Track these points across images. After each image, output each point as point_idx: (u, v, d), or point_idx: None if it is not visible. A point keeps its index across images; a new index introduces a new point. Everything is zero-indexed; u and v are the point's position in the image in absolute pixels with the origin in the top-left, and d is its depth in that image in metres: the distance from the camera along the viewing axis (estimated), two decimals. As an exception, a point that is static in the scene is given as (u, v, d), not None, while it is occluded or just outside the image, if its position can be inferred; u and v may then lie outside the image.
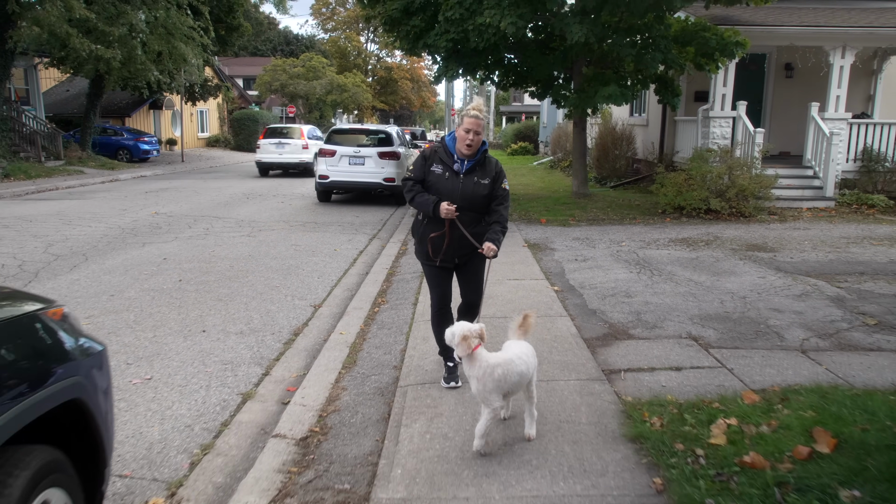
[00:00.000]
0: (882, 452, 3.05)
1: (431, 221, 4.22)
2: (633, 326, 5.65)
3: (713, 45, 11.53)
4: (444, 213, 4.06)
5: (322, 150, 14.94)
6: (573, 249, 9.16)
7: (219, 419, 4.16)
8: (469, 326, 3.43)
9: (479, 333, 3.42)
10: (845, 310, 6.12)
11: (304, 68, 61.96)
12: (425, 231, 4.27)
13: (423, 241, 4.29)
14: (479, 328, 3.44)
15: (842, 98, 13.69)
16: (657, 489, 3.01)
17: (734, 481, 2.95)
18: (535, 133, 39.34)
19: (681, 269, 7.82)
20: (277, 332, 5.85)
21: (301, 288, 7.39)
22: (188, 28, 23.24)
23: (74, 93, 35.74)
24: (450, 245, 4.21)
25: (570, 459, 3.34)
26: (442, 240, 4.20)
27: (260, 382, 4.75)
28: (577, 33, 10.58)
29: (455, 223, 4.11)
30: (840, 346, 5.10)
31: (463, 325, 3.46)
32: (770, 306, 6.23)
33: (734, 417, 3.58)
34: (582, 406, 3.99)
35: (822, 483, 2.85)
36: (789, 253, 8.83)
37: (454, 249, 4.24)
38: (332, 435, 3.81)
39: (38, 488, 2.04)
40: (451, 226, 4.14)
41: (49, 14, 18.40)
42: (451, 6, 10.93)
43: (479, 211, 4.21)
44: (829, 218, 11.97)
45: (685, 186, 12.00)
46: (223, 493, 3.28)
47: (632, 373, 4.56)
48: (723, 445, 3.27)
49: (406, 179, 4.34)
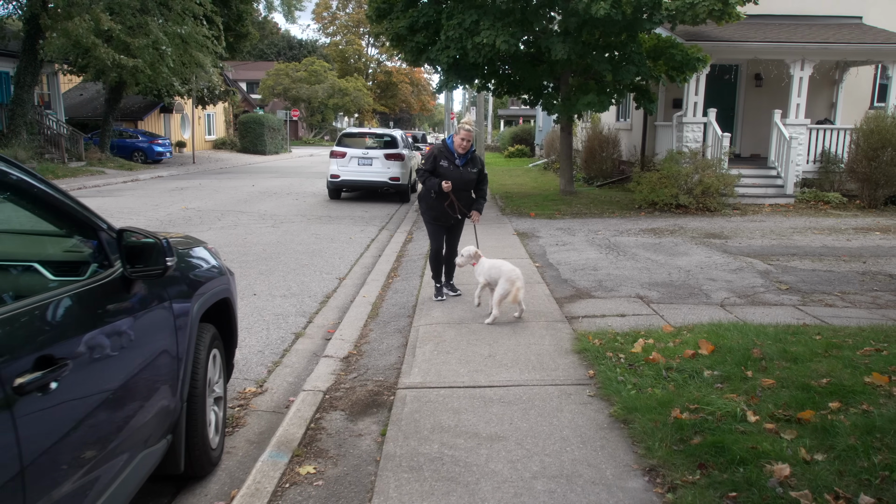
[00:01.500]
0: (739, 352, 4.57)
1: (440, 196, 6.51)
2: (594, 290, 7.17)
3: (679, 60, 13.07)
4: (445, 188, 6.40)
5: (333, 152, 16.45)
6: (555, 237, 10.68)
7: (280, 348, 5.66)
8: (474, 248, 6.27)
9: (477, 253, 6.22)
10: (767, 279, 7.64)
11: (307, 72, 63.55)
12: (437, 203, 6.57)
13: (435, 208, 6.62)
14: (476, 250, 6.26)
15: (801, 106, 15.23)
16: (590, 376, 4.52)
17: (639, 369, 4.47)
18: (532, 136, 40.88)
19: (643, 251, 9.35)
20: (313, 296, 7.36)
21: (326, 265, 8.91)
22: (203, 37, 24.76)
23: (88, 97, 37.28)
24: (454, 208, 6.57)
25: (534, 363, 4.85)
26: (453, 205, 6.57)
27: (306, 327, 6.26)
28: (560, 51, 12.12)
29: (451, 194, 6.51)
30: (752, 303, 6.62)
31: (471, 248, 6.26)
32: (708, 277, 7.75)
33: (651, 339, 5.10)
34: (546, 336, 5.50)
35: (695, 367, 4.37)
36: (739, 240, 10.36)
37: (456, 211, 6.60)
38: (366, 355, 5.31)
39: (211, 347, 3.54)
40: (454, 194, 6.50)
41: (78, 26, 19.92)
42: (451, 26, 12.46)
43: (470, 189, 6.66)
44: (785, 212, 13.51)
45: (658, 184, 13.54)
46: (294, 386, 4.79)
47: (587, 318, 6.07)
48: (638, 352, 4.78)
49: (420, 170, 6.69)
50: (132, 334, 2.58)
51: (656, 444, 3.40)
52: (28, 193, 2.31)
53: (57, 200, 2.42)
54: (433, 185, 6.46)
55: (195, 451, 3.25)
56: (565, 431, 3.72)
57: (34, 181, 2.29)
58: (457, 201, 6.53)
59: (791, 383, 4.02)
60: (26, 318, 1.98)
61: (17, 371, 1.82)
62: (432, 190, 6.48)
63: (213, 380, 3.58)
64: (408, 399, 4.25)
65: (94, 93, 36.46)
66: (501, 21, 12.34)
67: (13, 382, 1.78)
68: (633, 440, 3.57)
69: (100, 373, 2.29)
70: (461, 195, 6.56)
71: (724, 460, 3.14)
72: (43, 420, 1.91)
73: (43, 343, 1.98)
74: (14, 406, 1.78)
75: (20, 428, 1.79)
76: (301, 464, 3.45)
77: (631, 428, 3.68)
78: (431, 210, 6.66)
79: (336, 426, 3.94)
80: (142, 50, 21.73)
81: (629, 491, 3.09)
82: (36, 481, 1.86)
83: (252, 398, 4.61)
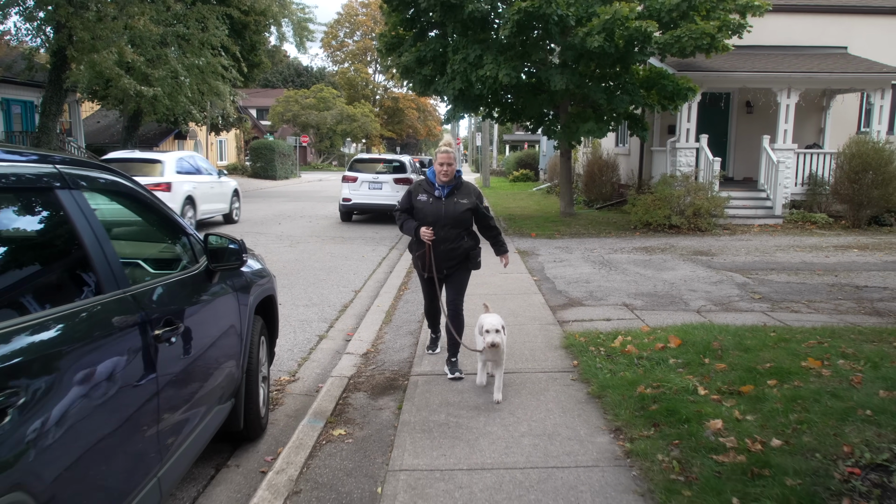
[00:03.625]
0: (701, 344, 5.37)
1: (416, 242, 5.21)
2: (585, 299, 7.97)
3: (670, 90, 13.97)
4: (423, 236, 5.00)
5: (345, 177, 17.38)
6: (553, 254, 11.50)
7: (307, 347, 6.48)
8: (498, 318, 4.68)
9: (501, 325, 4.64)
10: (743, 290, 8.43)
11: (316, 99, 65.01)
12: (415, 248, 5.29)
13: (415, 256, 5.34)
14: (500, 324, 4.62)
15: (789, 131, 16.10)
16: (574, 365, 5.32)
17: (615, 359, 5.27)
18: (536, 161, 41.86)
19: (633, 267, 10.15)
20: (332, 305, 8.19)
21: (342, 280, 9.74)
22: (221, 67, 25.94)
23: (105, 124, 38.63)
24: (435, 260, 5.08)
25: (527, 356, 5.65)
26: (423, 258, 5.15)
27: (328, 331, 7.08)
28: (558, 82, 13.05)
29: (435, 243, 5.03)
30: (725, 310, 7.41)
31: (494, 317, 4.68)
32: (689, 288, 8.54)
33: (629, 336, 5.89)
34: (539, 335, 6.31)
35: (662, 356, 5.17)
36: (724, 256, 11.15)
37: (441, 262, 5.11)
38: (382, 352, 6.12)
39: (260, 334, 4.37)
40: (433, 246, 5.04)
41: (105, 59, 21.07)
42: (456, 60, 13.41)
43: (462, 227, 5.08)
44: (772, 232, 14.30)
45: (652, 206, 14.37)
46: (321, 376, 5.60)
47: (576, 322, 6.87)
48: (616, 346, 5.58)
49: (396, 210, 5.37)
50: (213, 312, 3.42)
51: (622, 411, 4.20)
52: (145, 205, 3.17)
53: (162, 211, 3.28)
54: (410, 229, 5.12)
55: (250, 414, 4.07)
56: (549, 405, 4.51)
57: (150, 198, 3.15)
58: (431, 253, 5.05)
59: (740, 367, 4.82)
60: (157, 295, 2.83)
61: (156, 326, 2.65)
62: (409, 235, 5.24)
63: (262, 361, 4.40)
64: (419, 383, 5.06)
65: (111, 120, 37.83)
66: (503, 55, 13.30)
67: (153, 333, 2.62)
68: (604, 410, 4.36)
69: (196, 337, 3.11)
70: (447, 237, 5.02)
71: (674, 420, 3.94)
72: (167, 361, 2.75)
73: (167, 311, 2.83)
74: (155, 348, 2.61)
75: (158, 364, 2.63)
76: (333, 428, 4.25)
77: (603, 401, 4.47)
78: (415, 259, 5.38)
79: (360, 402, 4.74)
80: (161, 80, 22.86)
81: (597, 444, 3.88)
82: (166, 402, 2.69)
83: (287, 385, 5.43)
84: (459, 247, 5.06)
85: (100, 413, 2.17)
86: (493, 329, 4.52)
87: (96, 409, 2.15)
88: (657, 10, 12.74)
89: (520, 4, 12.13)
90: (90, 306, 2.32)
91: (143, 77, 22.64)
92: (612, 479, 3.44)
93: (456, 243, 5.05)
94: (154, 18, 22.25)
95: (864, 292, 8.29)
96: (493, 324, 4.56)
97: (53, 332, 2.06)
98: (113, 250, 2.56)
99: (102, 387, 2.20)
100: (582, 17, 12.63)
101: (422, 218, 5.04)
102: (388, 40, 15.71)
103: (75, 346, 2.13)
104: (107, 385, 2.23)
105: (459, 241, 5.06)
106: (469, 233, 5.18)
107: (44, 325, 2.04)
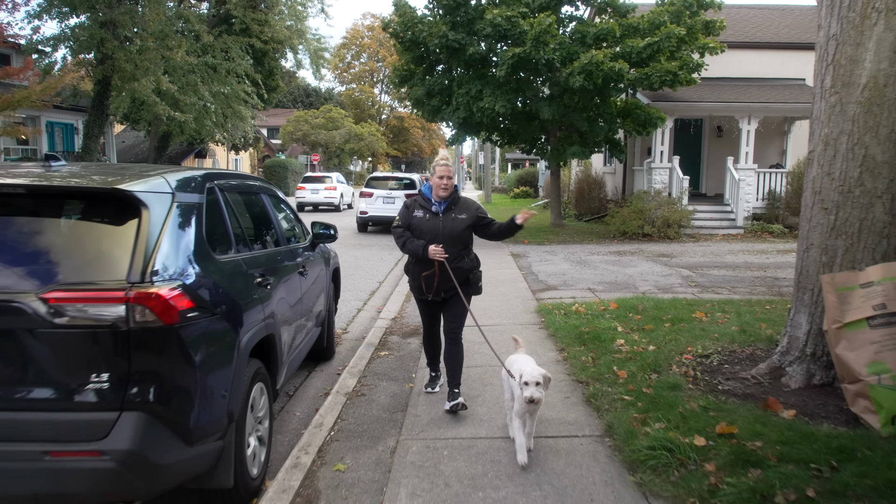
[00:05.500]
0: (630, 306, 7.70)
1: (421, 262, 4.81)
2: (560, 286, 10.30)
3: (643, 118, 16.38)
4: (432, 254, 4.64)
5: (363, 192, 19.81)
6: (541, 256, 13.84)
7: (350, 315, 8.83)
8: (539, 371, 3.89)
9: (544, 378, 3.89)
10: (685, 280, 10.74)
11: (325, 119, 67.73)
12: (416, 270, 4.90)
13: (416, 278, 4.90)
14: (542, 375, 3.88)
15: (750, 153, 18.47)
16: (542, 321, 7.64)
17: (569, 316, 7.59)
18: (535, 179, 44.28)
19: (603, 265, 12.49)
20: (363, 291, 10.53)
21: (367, 275, 12.09)
22: (244, 94, 28.52)
23: (129, 144, 41.24)
24: (440, 281, 4.79)
25: (510, 316, 7.99)
26: (433, 278, 4.79)
27: (363, 306, 9.43)
28: (546, 113, 15.48)
29: (444, 263, 4.70)
30: (664, 292, 9.71)
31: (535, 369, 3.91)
32: (643, 279, 10.86)
33: (584, 305, 8.21)
34: (521, 306, 8.64)
35: (602, 313, 7.50)
36: (681, 258, 13.47)
37: (439, 284, 4.81)
38: (405, 317, 8.44)
39: (326, 309, 6.71)
40: (441, 265, 4.72)
41: (145, 87, 23.62)
42: (460, 94, 15.87)
43: (461, 245, 4.81)
44: (731, 240, 16.64)
45: (629, 217, 16.73)
46: (364, 330, 7.93)
47: (549, 299, 9.20)
48: (572, 310, 7.90)
49: (395, 227, 4.96)
50: (315, 267, 5.79)
51: (566, 340, 6.52)
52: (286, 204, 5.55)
53: (290, 207, 5.66)
54: (416, 248, 4.74)
55: (329, 340, 6.42)
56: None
57: (286, 201, 5.54)
58: (440, 271, 4.73)
59: (650, 317, 7.15)
60: (296, 249, 5.21)
61: (257, 273, 5.04)
62: (414, 255, 4.85)
63: (333, 309, 6.75)
64: (434, 331, 7.39)
65: (134, 139, 40.47)
66: (500, 89, 15.73)
67: (300, 266, 4.99)
68: (555, 340, 6.69)
69: (310, 277, 5.46)
70: (451, 252, 4.71)
71: (596, 342, 6.26)
72: (304, 282, 5.10)
73: (300, 258, 5.20)
74: (302, 271, 4.99)
75: (302, 282, 4.99)
76: (379, 351, 6.59)
77: (556, 337, 6.80)
78: (413, 280, 5.01)
79: (394, 340, 7.08)
80: (190, 106, 25.43)
81: (549, 358, 6.20)
82: (307, 300, 5.06)
83: (341, 335, 7.77)
84: (459, 268, 4.77)
85: (291, 292, 4.57)
86: (533, 382, 3.83)
87: (289, 290, 4.54)
88: (628, 52, 15.16)
89: (514, 51, 14.60)
90: (279, 249, 4.70)
91: (173, 102, 25.17)
92: (553, 367, 5.75)
93: (455, 263, 4.75)
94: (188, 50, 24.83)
95: (779, 282, 10.59)
96: (535, 375, 3.86)
97: (276, 258, 4.44)
98: (281, 225, 4.93)
99: (289, 281, 4.59)
100: (566, 59, 15.05)
101: (419, 235, 4.78)
102: (401, 73, 18.18)
103: (279, 263, 4.52)
104: (289, 281, 4.61)
105: (459, 262, 4.78)
106: (469, 252, 4.92)
107: (269, 255, 4.41)
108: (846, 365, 4.09)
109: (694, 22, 15.98)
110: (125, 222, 3.04)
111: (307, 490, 3.71)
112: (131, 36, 23.65)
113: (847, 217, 4.45)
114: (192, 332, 3.02)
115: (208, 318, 3.18)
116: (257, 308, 3.83)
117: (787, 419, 4.11)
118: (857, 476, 3.37)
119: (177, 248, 3.17)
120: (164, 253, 3.04)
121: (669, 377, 5.02)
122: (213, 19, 28.60)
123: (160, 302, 2.85)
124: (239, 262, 3.86)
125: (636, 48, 15.07)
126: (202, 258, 3.36)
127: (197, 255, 3.31)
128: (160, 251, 3.02)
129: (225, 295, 3.43)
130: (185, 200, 3.42)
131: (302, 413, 5.24)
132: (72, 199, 3.13)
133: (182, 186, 3.49)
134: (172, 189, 3.37)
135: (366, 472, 3.92)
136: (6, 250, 2.92)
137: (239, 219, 4.22)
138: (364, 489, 3.72)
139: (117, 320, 2.78)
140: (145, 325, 2.82)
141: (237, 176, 4.68)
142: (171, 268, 3.05)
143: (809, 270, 4.70)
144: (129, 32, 23.87)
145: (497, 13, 14.93)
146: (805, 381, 4.64)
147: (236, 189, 4.41)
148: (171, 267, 3.06)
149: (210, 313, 3.21)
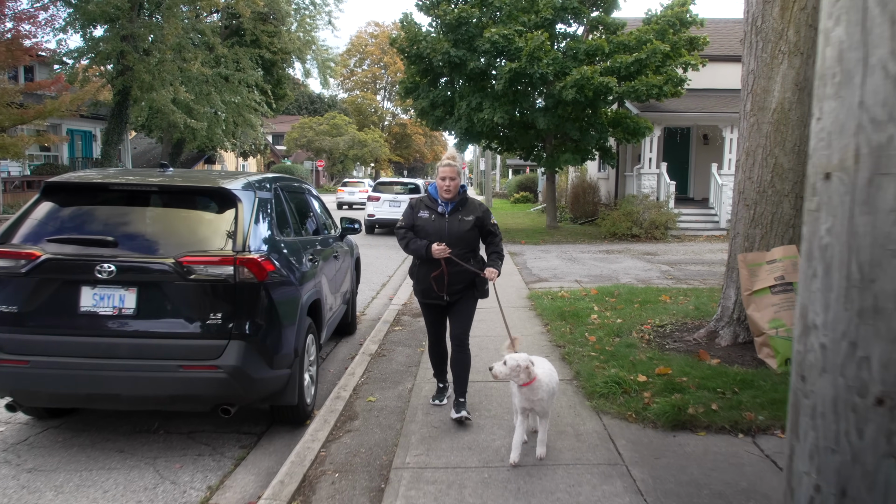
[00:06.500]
0: (608, 292, 8.98)
1: (426, 263, 4.64)
2: (550, 278, 11.58)
3: (632, 128, 17.68)
4: (436, 253, 4.48)
5: (370, 196, 21.12)
6: (535, 254, 15.12)
7: (366, 302, 10.10)
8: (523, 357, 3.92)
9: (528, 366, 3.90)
10: (663, 274, 12.01)
11: (329, 126, 69.10)
12: (422, 272, 4.71)
13: (421, 280, 4.75)
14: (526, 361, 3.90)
15: (733, 160, 19.70)
16: (532, 305, 8.92)
17: (555, 300, 8.86)
18: (535, 184, 45.60)
19: (591, 261, 13.77)
20: (375, 283, 11.82)
21: (378, 270, 13.38)
22: (254, 102, 29.89)
23: (141, 150, 42.61)
24: (449, 282, 4.63)
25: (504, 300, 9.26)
26: (442, 277, 4.60)
27: (376, 296, 10.71)
28: (542, 123, 16.80)
29: (451, 259, 4.52)
30: (642, 283, 10.98)
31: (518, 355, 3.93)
32: (625, 273, 12.14)
33: (568, 292, 9.48)
34: (514, 294, 9.92)
35: (583, 298, 8.78)
36: (664, 256, 14.75)
37: (452, 282, 4.65)
38: (415, 303, 9.69)
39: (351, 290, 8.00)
40: (447, 263, 4.55)
41: (163, 97, 24.98)
42: (462, 107, 17.20)
43: (467, 246, 4.65)
44: (713, 240, 17.91)
45: (618, 220, 18.01)
46: (380, 313, 9.21)
47: (540, 288, 10.47)
48: (559, 295, 9.17)
49: (398, 228, 4.76)
50: (343, 254, 7.08)
51: (550, 318, 7.80)
52: (319, 202, 6.85)
53: (324, 204, 6.96)
54: (419, 248, 4.59)
55: (353, 317, 7.72)
56: (513, 320, 8.11)
57: (321, 199, 6.84)
58: (447, 269, 4.58)
59: (623, 300, 8.43)
60: (329, 238, 6.51)
61: (308, 252, 6.35)
62: (417, 255, 4.70)
63: (355, 292, 8.03)
64: (440, 312, 8.69)
65: (146, 146, 41.84)
66: (499, 101, 17.05)
67: (334, 252, 6.29)
68: (542, 318, 7.96)
69: (339, 261, 6.74)
70: (456, 254, 4.56)
71: (575, 318, 7.53)
72: (336, 264, 6.39)
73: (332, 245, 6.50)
74: (335, 256, 6.28)
75: (335, 264, 6.29)
76: (394, 327, 7.87)
77: (542, 316, 8.07)
78: (419, 283, 4.83)
79: (406, 319, 8.36)
80: (202, 115, 26.79)
81: (535, 331, 7.47)
82: (339, 277, 6.35)
83: (360, 316, 9.05)
84: (465, 269, 4.63)
85: (329, 271, 5.86)
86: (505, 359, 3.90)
87: (328, 269, 5.83)
88: (617, 67, 16.46)
89: (510, 66, 15.92)
90: (320, 237, 6.00)
91: (187, 110, 26.54)
92: (538, 338, 7.03)
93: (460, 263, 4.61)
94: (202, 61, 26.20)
95: (746, 275, 11.85)
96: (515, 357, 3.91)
97: (317, 243, 5.73)
98: (321, 218, 6.23)
99: (328, 262, 5.88)
100: (559, 73, 16.37)
101: (424, 237, 4.63)
102: (407, 85, 19.52)
103: (322, 247, 5.81)
104: (328, 262, 5.90)
105: (466, 260, 4.64)
106: (475, 255, 4.78)
107: (315, 240, 5.70)
108: (755, 322, 5.37)
109: (678, 38, 17.30)
110: (226, 210, 4.34)
111: (348, 412, 4.99)
112: (150, 48, 25.01)
113: (762, 211, 5.73)
114: (274, 287, 4.31)
115: (283, 280, 4.47)
116: (311, 278, 5.12)
117: (712, 365, 5.39)
118: (751, 397, 4.65)
119: (261, 229, 4.47)
120: (253, 232, 4.34)
121: (628, 340, 6.31)
122: (224, 31, 30.02)
123: (255, 265, 4.14)
124: (297, 243, 5.15)
125: (624, 63, 16.37)
126: (276, 237, 4.66)
127: (273, 235, 4.61)
128: (252, 231, 4.32)
129: (291, 265, 4.73)
130: (263, 196, 4.72)
131: (335, 371, 6.51)
132: (191, 194, 4.44)
133: (259, 186, 4.79)
134: (254, 187, 4.67)
135: (391, 402, 5.20)
136: (151, 228, 4.23)
137: (294, 212, 5.52)
138: (391, 412, 5.00)
139: (228, 277, 4.07)
140: (245, 281, 4.11)
141: (290, 179, 5.98)
142: (258, 242, 4.34)
143: (736, 254, 5.98)
144: (148, 45, 25.21)
145: (495, 31, 16.27)
146: (732, 339, 5.92)
147: (290, 189, 5.71)
148: (258, 242, 4.35)
149: (284, 276, 4.50)
